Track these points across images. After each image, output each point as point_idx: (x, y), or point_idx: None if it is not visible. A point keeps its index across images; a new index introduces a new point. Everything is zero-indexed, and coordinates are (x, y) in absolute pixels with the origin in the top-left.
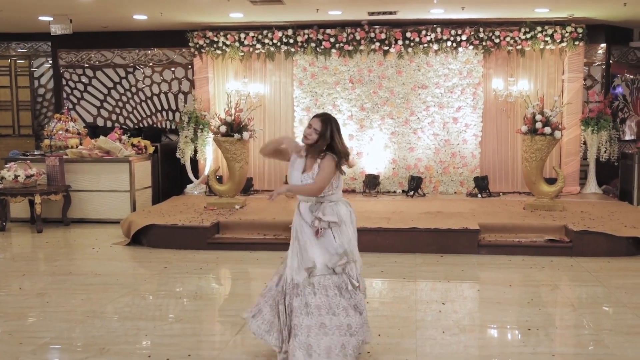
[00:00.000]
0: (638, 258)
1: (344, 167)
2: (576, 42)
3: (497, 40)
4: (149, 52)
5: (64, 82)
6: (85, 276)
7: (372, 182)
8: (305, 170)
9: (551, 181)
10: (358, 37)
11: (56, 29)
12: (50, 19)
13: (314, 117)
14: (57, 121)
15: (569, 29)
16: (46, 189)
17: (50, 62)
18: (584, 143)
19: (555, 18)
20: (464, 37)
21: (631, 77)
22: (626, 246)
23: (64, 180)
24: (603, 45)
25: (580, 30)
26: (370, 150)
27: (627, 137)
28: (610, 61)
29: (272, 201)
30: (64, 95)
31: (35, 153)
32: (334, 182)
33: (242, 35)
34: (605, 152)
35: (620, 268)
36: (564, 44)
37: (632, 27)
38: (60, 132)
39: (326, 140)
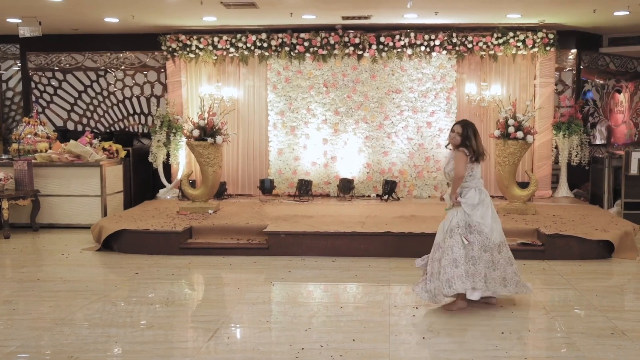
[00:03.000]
0: (608, 261)
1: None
2: (547, 48)
3: (470, 45)
4: (121, 55)
5: (32, 85)
6: (54, 283)
7: (346, 186)
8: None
9: (524, 185)
10: (332, 42)
11: (25, 31)
12: (19, 21)
13: (456, 124)
14: (26, 125)
15: (540, 34)
16: (14, 193)
17: (19, 64)
18: (556, 147)
19: (526, 24)
20: (437, 42)
21: (601, 82)
22: (597, 249)
23: (33, 185)
24: (574, 50)
25: (551, 36)
26: (345, 154)
27: (598, 142)
28: (581, 66)
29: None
30: (33, 99)
31: (3, 157)
32: (467, 172)
33: (216, 39)
34: (576, 156)
35: (591, 271)
36: (535, 50)
37: (602, 33)
38: (29, 135)
39: (467, 139)
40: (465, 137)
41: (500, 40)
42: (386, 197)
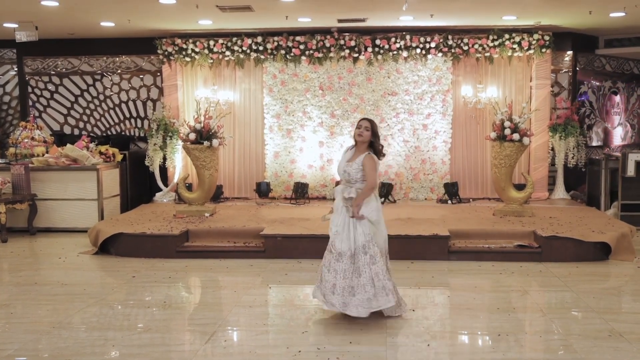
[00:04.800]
0: (605, 263)
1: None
2: (543, 50)
3: (465, 48)
4: (117, 59)
5: (29, 89)
6: (51, 286)
7: None
8: (350, 160)
9: (520, 187)
10: (328, 44)
11: (21, 36)
12: (16, 25)
13: (362, 119)
14: (23, 129)
15: (536, 36)
16: (11, 197)
17: (16, 69)
18: (552, 149)
19: (522, 26)
20: (433, 45)
21: (597, 84)
22: (594, 251)
23: (30, 189)
24: (570, 52)
25: (547, 37)
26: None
27: (594, 143)
28: (577, 68)
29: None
30: (30, 103)
31: (0, 161)
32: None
33: (212, 42)
34: (572, 158)
35: (588, 273)
36: (531, 51)
37: (598, 35)
38: (26, 140)
39: (375, 136)
40: (374, 134)
41: (496, 42)
42: (382, 199)
